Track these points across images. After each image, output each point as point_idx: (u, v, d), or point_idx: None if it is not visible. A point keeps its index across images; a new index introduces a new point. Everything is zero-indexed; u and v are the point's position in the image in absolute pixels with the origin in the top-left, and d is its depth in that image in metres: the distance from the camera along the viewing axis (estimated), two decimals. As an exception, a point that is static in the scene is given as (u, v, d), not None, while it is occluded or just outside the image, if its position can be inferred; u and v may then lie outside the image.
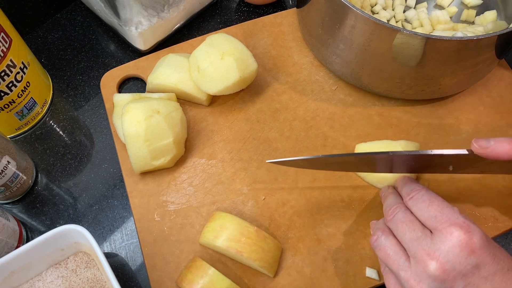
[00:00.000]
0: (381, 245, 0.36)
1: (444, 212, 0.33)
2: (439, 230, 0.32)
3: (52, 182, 0.50)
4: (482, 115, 0.52)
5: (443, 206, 0.34)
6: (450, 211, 0.33)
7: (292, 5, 0.63)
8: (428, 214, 0.34)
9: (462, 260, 0.31)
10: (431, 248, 0.32)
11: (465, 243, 0.31)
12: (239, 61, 0.47)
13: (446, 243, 0.31)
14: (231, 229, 0.41)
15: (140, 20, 0.53)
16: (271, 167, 0.48)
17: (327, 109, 0.52)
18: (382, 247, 0.36)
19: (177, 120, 0.46)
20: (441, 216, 0.33)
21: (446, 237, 0.32)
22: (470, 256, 0.31)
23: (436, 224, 0.33)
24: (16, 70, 0.47)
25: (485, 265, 0.31)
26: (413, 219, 0.35)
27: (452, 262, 0.31)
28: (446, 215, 0.33)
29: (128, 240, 0.47)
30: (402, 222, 0.35)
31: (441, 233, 0.32)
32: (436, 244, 0.32)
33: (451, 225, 0.32)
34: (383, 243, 0.36)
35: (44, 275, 0.41)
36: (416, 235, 0.34)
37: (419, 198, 0.36)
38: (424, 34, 0.40)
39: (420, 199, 0.35)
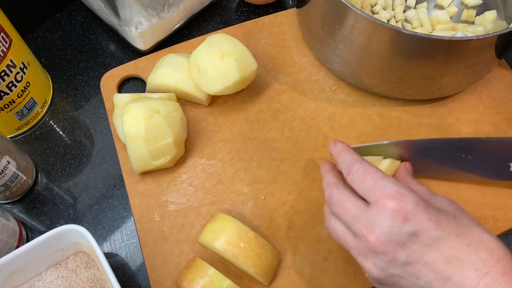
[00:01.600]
0: (332, 229, 0.36)
1: (378, 184, 0.33)
2: (374, 203, 0.32)
3: (52, 182, 0.50)
4: (482, 115, 0.52)
5: (377, 177, 0.33)
6: (384, 182, 0.33)
7: (292, 5, 0.63)
8: (363, 188, 0.34)
9: (396, 229, 0.31)
10: (368, 222, 0.32)
11: (397, 212, 0.31)
12: (239, 61, 0.47)
13: (380, 215, 0.31)
14: (230, 232, 0.41)
15: (140, 20, 0.53)
16: (271, 167, 0.48)
17: (327, 109, 0.52)
18: (334, 230, 0.36)
19: (177, 120, 0.46)
20: (375, 189, 0.33)
21: (380, 209, 0.32)
22: (405, 224, 0.31)
23: (371, 197, 0.33)
24: (16, 70, 0.47)
25: (424, 232, 0.31)
26: (347, 197, 0.35)
27: (388, 233, 0.31)
28: (379, 188, 0.33)
29: (128, 240, 0.47)
30: (338, 204, 0.35)
31: (376, 206, 0.32)
32: (372, 217, 0.32)
33: (384, 197, 0.32)
34: (333, 226, 0.36)
35: (44, 275, 0.41)
36: (353, 214, 0.34)
37: (355, 173, 0.35)
38: (424, 34, 0.40)
39: (356, 173, 0.35)
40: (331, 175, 0.38)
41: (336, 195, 0.36)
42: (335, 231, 0.36)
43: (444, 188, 0.47)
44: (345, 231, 0.35)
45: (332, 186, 0.37)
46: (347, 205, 0.34)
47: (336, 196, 0.36)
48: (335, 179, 0.38)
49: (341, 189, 0.36)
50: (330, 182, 0.38)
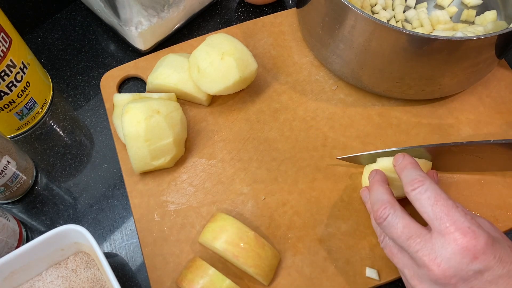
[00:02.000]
0: (387, 245, 0.36)
1: (450, 214, 0.32)
2: (443, 234, 0.31)
3: (52, 182, 0.50)
4: (482, 115, 0.52)
5: (448, 206, 0.32)
6: (456, 214, 0.32)
7: (292, 5, 0.63)
8: (431, 213, 0.32)
9: (464, 266, 0.30)
10: (432, 253, 0.31)
11: (468, 249, 0.30)
12: (239, 61, 0.47)
13: (448, 249, 0.31)
14: (230, 232, 0.41)
15: (140, 20, 0.53)
16: (271, 167, 0.48)
17: (327, 109, 0.52)
18: (388, 247, 0.36)
19: (177, 120, 0.46)
20: (446, 219, 0.32)
21: (449, 243, 0.31)
22: (473, 262, 0.30)
23: (440, 226, 0.32)
24: (16, 70, 0.47)
25: (488, 270, 0.30)
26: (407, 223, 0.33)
27: (454, 268, 0.31)
28: (451, 218, 0.31)
29: (128, 240, 0.47)
30: (395, 229, 0.34)
31: (444, 238, 0.31)
32: (438, 249, 0.31)
33: (455, 230, 0.31)
34: (388, 243, 0.36)
35: (44, 275, 0.41)
36: (414, 242, 0.33)
37: (423, 193, 0.33)
38: (424, 34, 0.40)
39: (424, 194, 0.33)
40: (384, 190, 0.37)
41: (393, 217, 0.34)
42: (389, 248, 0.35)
43: (444, 188, 0.47)
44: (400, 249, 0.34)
45: (386, 205, 0.35)
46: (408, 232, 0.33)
47: (392, 218, 0.34)
48: (389, 196, 0.36)
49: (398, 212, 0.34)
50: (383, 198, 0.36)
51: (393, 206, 0.35)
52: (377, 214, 0.35)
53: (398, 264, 0.35)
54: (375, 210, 0.36)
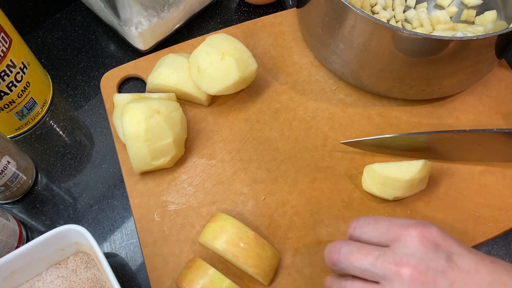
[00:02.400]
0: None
1: (393, 223, 0.32)
2: (397, 238, 0.31)
3: (52, 182, 0.50)
4: (482, 115, 0.52)
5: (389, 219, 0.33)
6: (400, 220, 0.32)
7: (292, 5, 0.63)
8: (378, 233, 0.32)
9: (431, 255, 0.30)
10: (396, 257, 0.30)
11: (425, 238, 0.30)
12: (239, 61, 0.47)
13: (408, 247, 0.30)
14: (230, 232, 0.41)
15: (140, 20, 0.53)
16: (271, 167, 0.48)
17: (327, 109, 0.52)
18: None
19: (177, 120, 0.46)
20: (392, 228, 0.32)
21: (406, 240, 0.30)
22: (438, 249, 0.30)
23: (390, 236, 0.31)
24: (16, 70, 0.47)
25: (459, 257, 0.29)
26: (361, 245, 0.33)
27: (423, 260, 0.30)
28: (397, 224, 0.32)
29: (128, 240, 0.47)
30: (351, 253, 0.33)
31: (400, 240, 0.31)
32: (400, 251, 0.30)
33: (405, 228, 0.31)
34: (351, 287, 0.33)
35: (44, 275, 0.41)
36: (374, 256, 0.31)
37: (362, 225, 0.34)
38: (424, 34, 0.40)
39: (363, 225, 0.34)
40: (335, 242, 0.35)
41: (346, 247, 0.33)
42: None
43: (444, 188, 0.47)
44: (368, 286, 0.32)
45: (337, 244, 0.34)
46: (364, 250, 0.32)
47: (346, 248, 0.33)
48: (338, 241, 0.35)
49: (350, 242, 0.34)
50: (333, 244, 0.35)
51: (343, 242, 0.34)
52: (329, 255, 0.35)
53: None
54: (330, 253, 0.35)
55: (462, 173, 0.48)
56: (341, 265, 0.34)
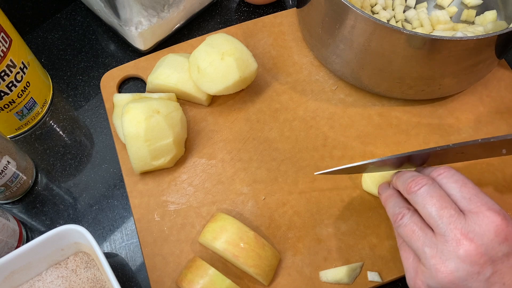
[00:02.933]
0: (406, 223, 0.34)
1: (479, 196, 0.32)
2: (475, 212, 0.31)
3: (52, 182, 0.50)
4: (482, 115, 0.52)
5: (477, 190, 0.33)
6: (485, 197, 0.32)
7: (292, 5, 0.63)
8: (461, 195, 0.33)
9: (495, 245, 0.30)
10: (465, 228, 0.31)
11: (501, 229, 0.30)
12: (239, 61, 0.47)
13: (482, 226, 0.31)
14: (230, 232, 0.41)
15: (140, 20, 0.53)
16: (271, 167, 0.48)
17: (327, 109, 0.52)
18: (408, 224, 0.34)
19: (177, 120, 0.46)
20: (476, 199, 0.32)
21: (483, 220, 0.31)
22: (504, 243, 0.30)
23: (471, 206, 0.32)
24: (16, 70, 0.47)
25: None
26: (444, 194, 0.33)
27: (486, 246, 0.30)
28: (481, 199, 0.32)
29: (128, 240, 0.47)
30: (431, 196, 0.33)
31: (477, 215, 0.31)
32: (471, 225, 0.31)
33: (488, 209, 0.31)
34: (409, 220, 0.34)
35: (44, 275, 0.41)
36: (448, 213, 0.32)
37: (450, 177, 0.34)
38: (424, 34, 0.40)
39: (451, 178, 0.34)
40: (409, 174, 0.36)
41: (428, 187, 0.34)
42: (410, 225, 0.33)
43: (444, 188, 0.47)
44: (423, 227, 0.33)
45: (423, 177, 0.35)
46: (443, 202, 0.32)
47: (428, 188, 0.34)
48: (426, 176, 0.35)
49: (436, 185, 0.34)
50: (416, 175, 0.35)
51: (429, 180, 0.34)
52: (411, 184, 0.35)
53: (417, 242, 0.33)
54: (408, 182, 0.35)
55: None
56: (416, 198, 0.34)
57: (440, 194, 0.33)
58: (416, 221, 0.34)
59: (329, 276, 0.42)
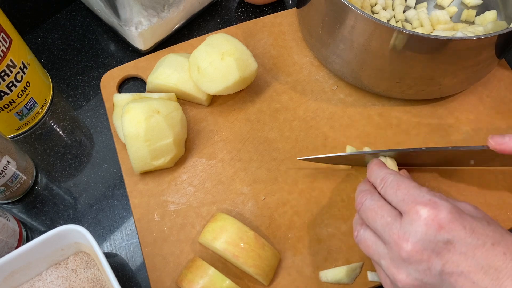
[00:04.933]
0: (362, 239, 0.36)
1: (410, 193, 0.33)
2: (407, 212, 0.32)
3: (52, 182, 0.50)
4: (482, 115, 0.52)
5: (409, 187, 0.33)
6: (417, 191, 0.33)
7: (292, 5, 0.63)
8: (396, 198, 0.34)
9: (431, 237, 0.30)
10: (401, 230, 0.32)
11: (431, 219, 0.30)
12: (239, 61, 0.47)
13: (413, 224, 0.31)
14: (230, 232, 0.41)
15: (140, 20, 0.53)
16: (271, 167, 0.48)
17: (327, 109, 0.52)
18: (363, 240, 0.35)
19: (177, 120, 0.46)
20: (408, 198, 0.33)
21: (413, 217, 0.31)
22: (440, 232, 0.30)
23: (404, 206, 0.32)
24: (16, 70, 0.47)
25: (459, 240, 0.30)
26: (382, 204, 0.34)
27: (422, 241, 0.30)
28: (412, 196, 0.32)
29: (128, 240, 0.47)
30: (370, 210, 0.35)
31: (409, 214, 0.32)
32: (405, 226, 0.32)
33: (416, 204, 0.32)
34: (362, 236, 0.36)
35: (44, 275, 0.41)
36: (385, 221, 0.33)
37: (388, 184, 0.35)
38: (424, 34, 0.40)
39: (389, 184, 0.35)
40: (364, 184, 0.38)
41: (369, 201, 0.35)
42: (364, 241, 0.35)
43: (444, 188, 0.47)
44: (375, 240, 0.34)
45: (365, 192, 0.36)
46: (380, 212, 0.34)
47: (369, 201, 0.35)
48: (369, 187, 0.37)
49: (375, 196, 0.35)
50: (363, 189, 0.37)
51: (371, 192, 0.36)
52: (356, 202, 0.37)
53: (374, 256, 0.34)
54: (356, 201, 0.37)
55: (462, 173, 0.48)
56: (361, 215, 0.36)
57: (377, 205, 0.35)
58: (368, 236, 0.35)
59: (329, 276, 0.42)
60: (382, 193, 0.36)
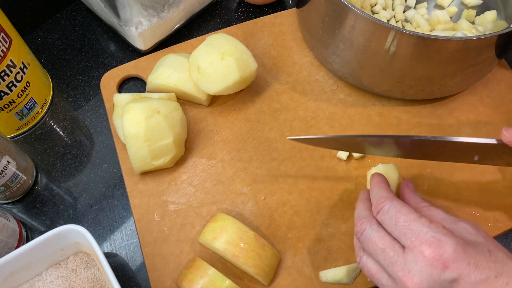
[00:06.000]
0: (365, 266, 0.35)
1: (412, 228, 0.32)
2: (410, 249, 0.31)
3: (52, 182, 0.50)
4: (482, 115, 0.52)
5: (410, 220, 0.32)
6: (419, 226, 0.32)
7: (292, 5, 0.63)
8: (396, 231, 0.33)
9: (436, 277, 0.30)
10: (405, 268, 0.31)
11: (436, 260, 0.30)
12: (239, 61, 0.47)
13: (418, 263, 0.31)
14: (230, 232, 0.41)
15: (140, 20, 0.53)
16: (271, 167, 0.48)
17: (327, 109, 0.52)
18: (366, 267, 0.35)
19: (177, 120, 0.46)
20: (410, 233, 0.32)
21: (418, 256, 0.31)
22: (445, 272, 0.30)
23: (406, 242, 0.32)
24: (16, 70, 0.47)
25: (464, 277, 0.30)
26: (382, 236, 0.34)
27: (427, 281, 0.30)
28: (414, 232, 0.32)
29: (128, 240, 0.47)
30: (370, 242, 0.34)
31: (412, 252, 0.31)
32: (409, 264, 0.31)
33: (420, 243, 0.31)
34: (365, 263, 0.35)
35: (44, 275, 0.41)
36: (388, 255, 0.32)
37: (385, 213, 0.34)
38: (424, 34, 0.40)
39: (387, 214, 0.34)
40: (364, 207, 0.37)
41: (369, 231, 0.34)
42: (367, 268, 0.35)
43: (444, 188, 0.47)
44: (379, 270, 0.34)
45: (364, 220, 0.35)
46: (381, 245, 0.33)
47: (369, 232, 0.34)
48: (367, 212, 0.36)
49: (374, 226, 0.34)
50: (362, 214, 0.36)
51: (369, 221, 0.35)
52: (355, 229, 0.36)
53: (378, 284, 0.34)
54: (356, 225, 0.36)
55: (462, 173, 0.48)
56: (362, 243, 0.35)
57: (378, 237, 0.34)
58: (372, 265, 0.34)
59: (329, 276, 0.42)
60: (380, 221, 0.35)
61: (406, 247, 0.32)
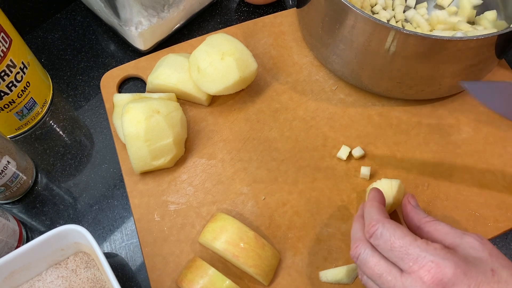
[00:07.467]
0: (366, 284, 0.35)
1: (409, 252, 0.31)
2: (408, 273, 0.31)
3: (52, 182, 0.50)
4: (482, 115, 0.52)
5: (406, 244, 0.32)
6: (415, 250, 0.31)
7: (292, 5, 0.63)
8: (394, 257, 0.32)
9: None
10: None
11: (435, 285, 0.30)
12: (239, 61, 0.47)
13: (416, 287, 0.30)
14: (230, 232, 0.41)
15: (140, 20, 0.53)
16: (271, 167, 0.48)
17: (327, 109, 0.52)
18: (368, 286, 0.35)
19: (177, 120, 0.46)
20: (407, 258, 0.31)
21: (417, 281, 0.30)
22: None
23: (404, 266, 0.31)
24: (16, 70, 0.47)
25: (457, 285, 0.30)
26: (377, 261, 0.33)
27: None
28: (411, 257, 0.31)
29: (128, 240, 0.47)
30: (367, 267, 0.34)
31: (411, 276, 0.31)
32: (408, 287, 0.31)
33: (419, 268, 0.31)
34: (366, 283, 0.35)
35: (44, 275, 0.41)
36: (386, 280, 0.32)
37: (379, 238, 0.33)
38: (424, 34, 0.40)
39: (381, 238, 0.33)
40: (359, 226, 0.37)
41: (364, 256, 0.34)
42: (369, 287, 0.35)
43: (444, 188, 0.47)
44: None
45: (358, 244, 0.35)
46: (378, 270, 0.33)
47: (364, 256, 0.34)
48: (362, 233, 0.36)
49: (368, 251, 0.34)
50: (356, 236, 0.36)
51: (364, 245, 0.35)
52: (351, 252, 0.36)
53: None
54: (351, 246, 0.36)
55: (462, 173, 0.48)
56: (358, 264, 0.35)
57: (374, 262, 0.33)
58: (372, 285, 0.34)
59: (329, 276, 0.42)
60: (375, 245, 0.34)
61: (405, 271, 0.31)
